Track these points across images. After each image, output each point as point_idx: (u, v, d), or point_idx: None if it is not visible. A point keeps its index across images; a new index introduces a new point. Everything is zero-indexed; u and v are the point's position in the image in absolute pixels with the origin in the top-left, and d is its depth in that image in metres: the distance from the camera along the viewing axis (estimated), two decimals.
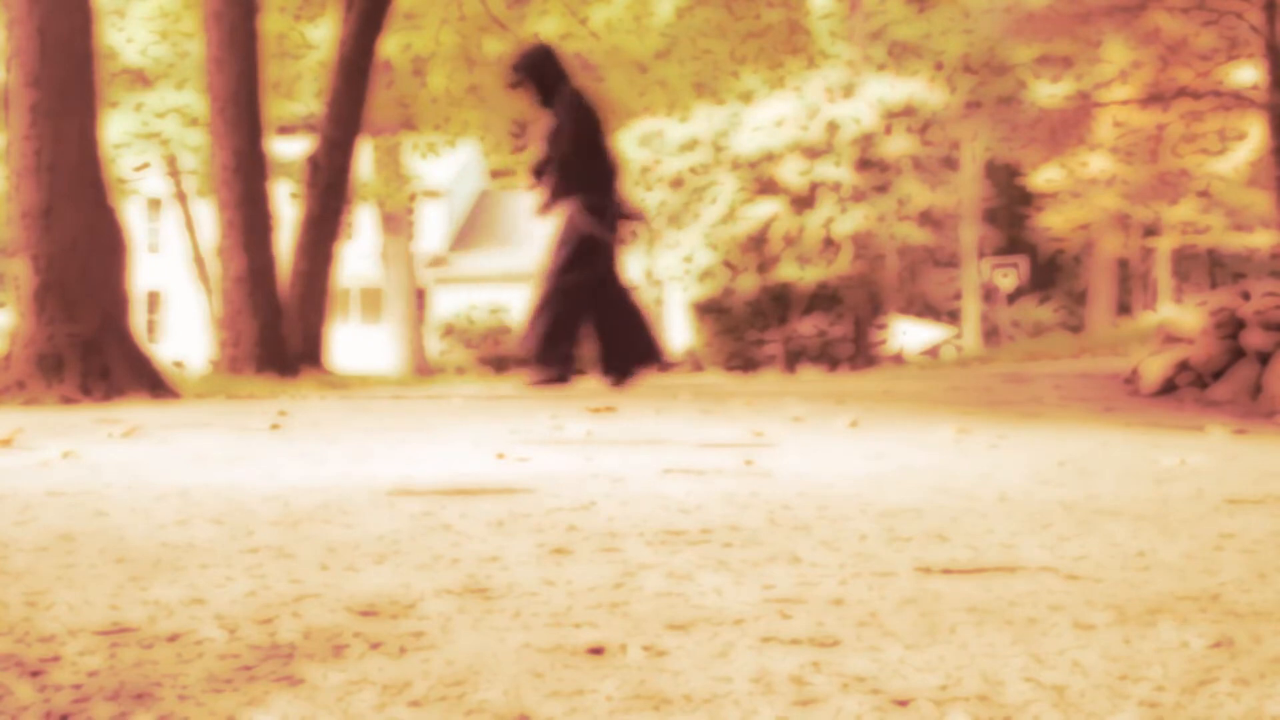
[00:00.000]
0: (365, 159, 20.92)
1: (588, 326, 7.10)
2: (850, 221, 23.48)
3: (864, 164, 24.11)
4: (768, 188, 24.13)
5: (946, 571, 1.61)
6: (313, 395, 7.00)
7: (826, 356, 23.70)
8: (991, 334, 32.18)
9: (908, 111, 24.38)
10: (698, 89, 16.27)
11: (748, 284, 23.76)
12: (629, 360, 7.12)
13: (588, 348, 7.23)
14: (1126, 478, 2.67)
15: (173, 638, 1.26)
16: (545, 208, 7.09)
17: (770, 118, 24.26)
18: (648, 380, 7.21)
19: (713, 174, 24.65)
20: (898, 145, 24.02)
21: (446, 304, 32.84)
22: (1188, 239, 29.50)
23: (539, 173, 7.14)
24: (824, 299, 24.01)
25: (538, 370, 6.96)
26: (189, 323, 32.84)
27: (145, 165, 23.21)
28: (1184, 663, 1.15)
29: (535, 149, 7.29)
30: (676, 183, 25.04)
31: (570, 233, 6.97)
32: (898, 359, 24.93)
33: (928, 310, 35.34)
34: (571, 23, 15.84)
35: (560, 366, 6.94)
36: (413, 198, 27.42)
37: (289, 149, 20.56)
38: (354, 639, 1.25)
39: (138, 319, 24.32)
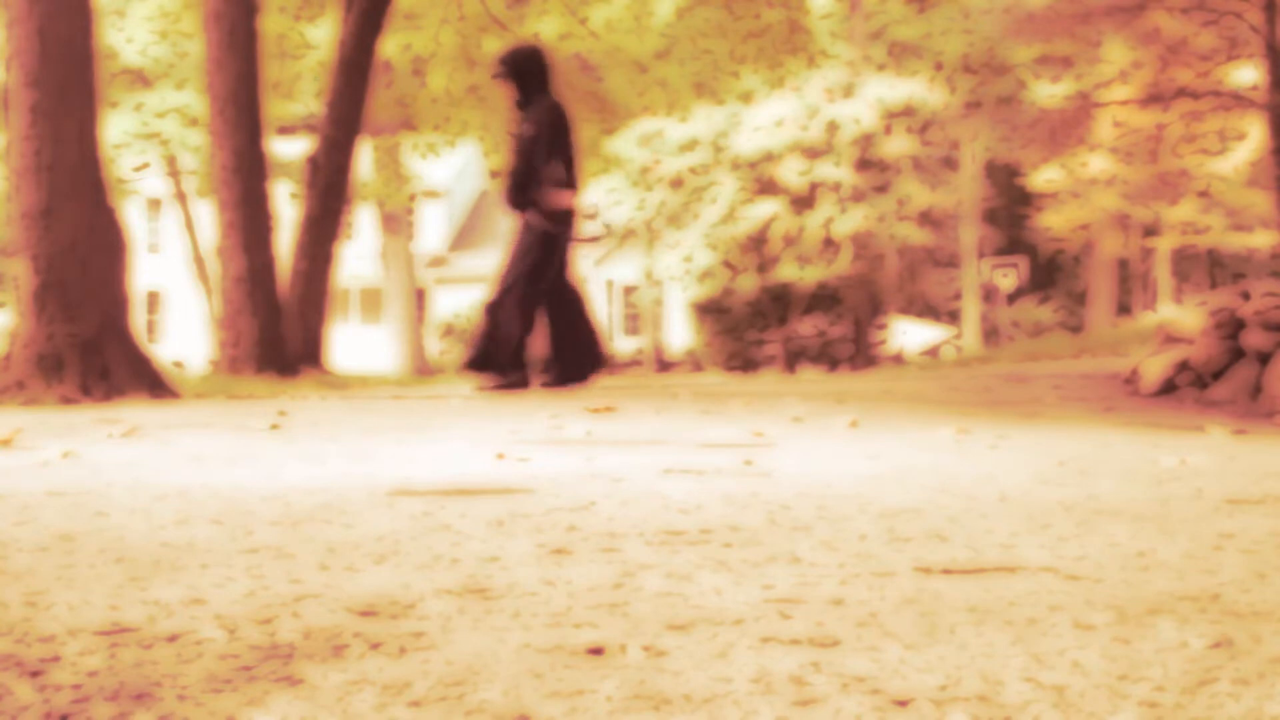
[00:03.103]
0: (365, 159, 20.92)
1: (540, 329, 7.18)
2: (850, 221, 23.49)
3: (864, 164, 24.11)
4: (767, 188, 24.13)
5: (946, 571, 1.61)
6: (312, 395, 7.00)
7: (826, 356, 23.69)
8: (991, 334, 32.18)
9: (908, 111, 24.37)
10: (698, 89, 16.27)
11: (748, 284, 23.76)
12: (576, 366, 7.16)
13: (537, 348, 7.30)
14: (1126, 478, 2.67)
15: (173, 638, 1.26)
16: (511, 207, 7.16)
17: (770, 118, 24.26)
18: (595, 383, 7.27)
19: (713, 174, 24.64)
20: (897, 145, 24.02)
21: (446, 304, 32.83)
22: (1188, 239, 29.51)
23: (510, 174, 7.20)
24: (824, 299, 24.01)
25: (497, 376, 6.99)
26: (189, 323, 32.84)
27: (145, 165, 23.22)
28: (1184, 663, 1.15)
29: (507, 149, 7.35)
30: (676, 183, 25.04)
31: (531, 240, 7.04)
32: (898, 359, 24.93)
33: (928, 310, 35.34)
34: (571, 23, 15.84)
35: (521, 371, 6.99)
36: (413, 198, 27.42)
37: (289, 149, 20.56)
38: (354, 639, 1.25)
39: (138, 319, 24.31)
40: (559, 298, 7.16)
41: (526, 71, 7.28)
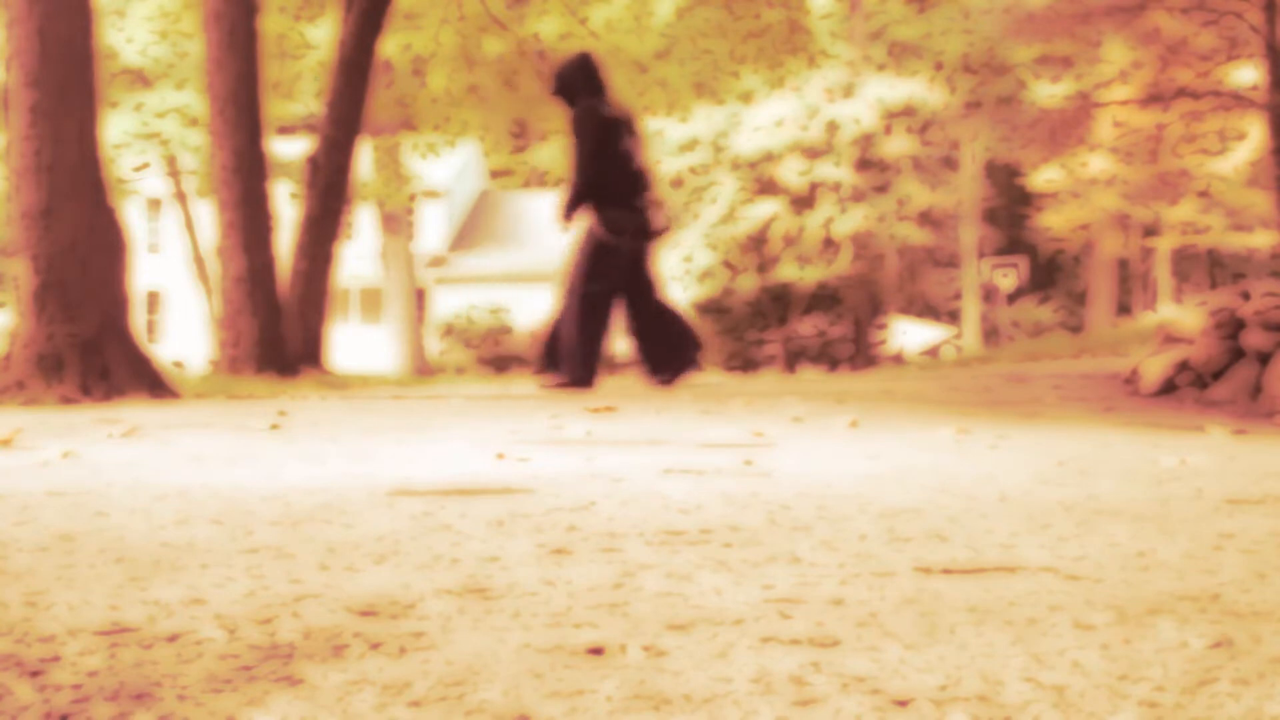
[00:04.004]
0: (365, 159, 20.92)
1: (622, 333, 7.28)
2: (850, 221, 23.49)
3: (864, 164, 24.12)
4: (767, 188, 24.13)
5: (946, 571, 1.61)
6: (312, 395, 7.00)
7: (826, 356, 23.71)
8: (991, 334, 32.18)
9: (908, 111, 24.38)
10: (698, 89, 16.27)
11: (748, 284, 23.76)
12: (674, 363, 7.27)
13: (628, 354, 7.43)
14: (1126, 478, 2.67)
15: (173, 638, 1.26)
16: (565, 218, 7.18)
17: (770, 118, 24.26)
18: (691, 381, 7.33)
19: (713, 174, 24.65)
20: (897, 145, 24.02)
21: (446, 304, 32.83)
22: (1188, 239, 29.52)
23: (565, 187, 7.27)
24: (824, 299, 24.02)
25: (558, 373, 7.04)
26: (189, 323, 32.84)
27: (145, 165, 23.22)
28: (1184, 663, 1.15)
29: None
30: (676, 183, 25.04)
31: (586, 244, 7.09)
32: (898, 359, 24.93)
33: (928, 310, 35.35)
34: (571, 23, 15.84)
35: (582, 370, 7.02)
36: (413, 198, 27.42)
37: (289, 149, 20.56)
38: (354, 639, 1.25)
39: (138, 319, 24.31)
40: (637, 298, 7.22)
41: (566, 83, 7.31)
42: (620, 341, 7.42)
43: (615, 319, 7.24)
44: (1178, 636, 1.25)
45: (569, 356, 7.04)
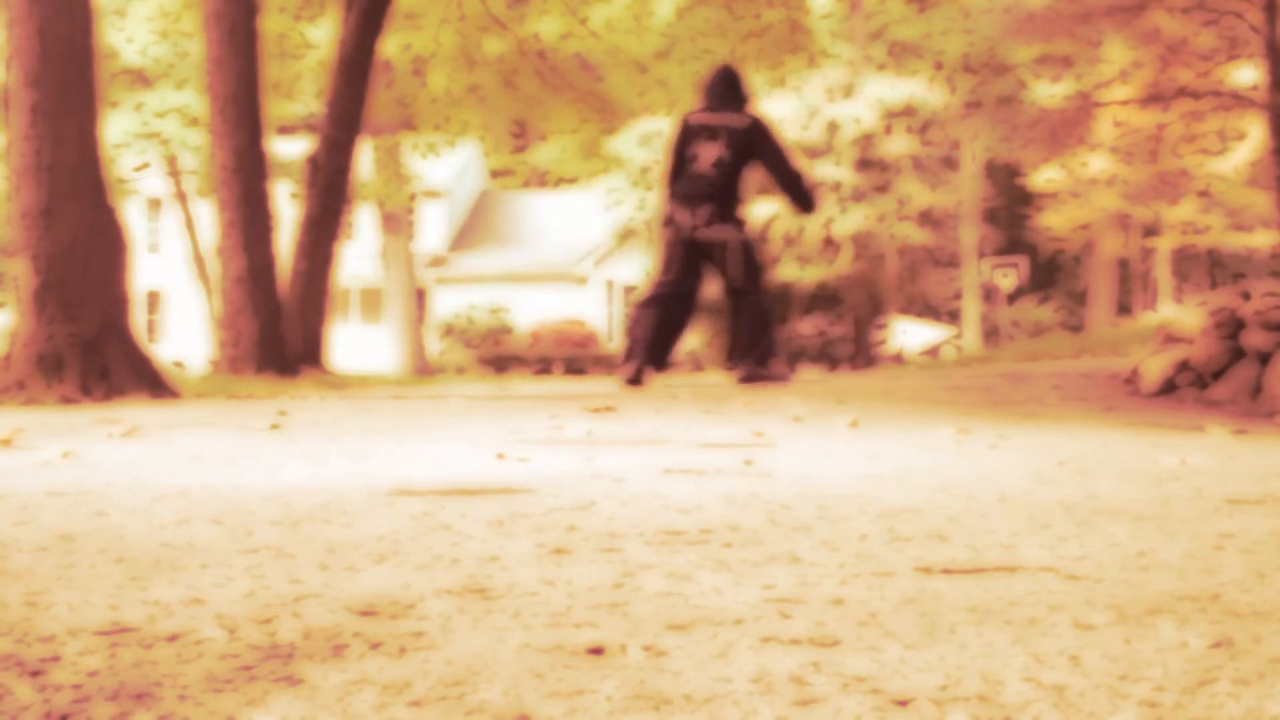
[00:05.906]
0: (365, 159, 20.90)
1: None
2: (850, 221, 23.48)
3: (864, 164, 24.10)
4: (768, 187, 24.08)
5: (946, 571, 1.61)
6: (312, 395, 6.99)
7: (826, 356, 23.68)
8: (991, 334, 32.18)
9: (908, 111, 24.37)
10: (698, 89, 16.26)
11: None
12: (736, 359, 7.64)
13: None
14: (1126, 478, 2.67)
15: (173, 638, 1.26)
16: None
17: (770, 117, 24.22)
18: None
19: None
20: (898, 145, 24.01)
21: (446, 304, 32.83)
22: (1188, 239, 29.53)
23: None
24: (824, 299, 23.99)
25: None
26: (189, 323, 32.83)
27: (145, 165, 23.22)
28: (1184, 663, 1.15)
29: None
30: None
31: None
32: (898, 359, 24.92)
33: (928, 310, 35.32)
34: (571, 22, 15.84)
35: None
36: (413, 198, 27.42)
37: (289, 149, 20.55)
38: (354, 639, 1.25)
39: (138, 319, 24.28)
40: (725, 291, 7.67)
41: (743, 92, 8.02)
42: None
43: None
44: (1178, 636, 1.25)
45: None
